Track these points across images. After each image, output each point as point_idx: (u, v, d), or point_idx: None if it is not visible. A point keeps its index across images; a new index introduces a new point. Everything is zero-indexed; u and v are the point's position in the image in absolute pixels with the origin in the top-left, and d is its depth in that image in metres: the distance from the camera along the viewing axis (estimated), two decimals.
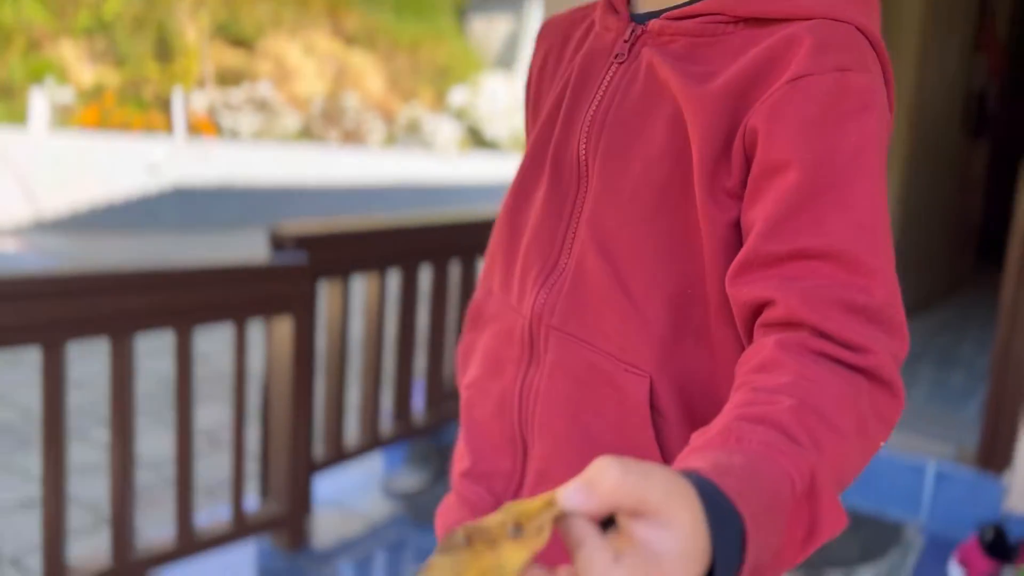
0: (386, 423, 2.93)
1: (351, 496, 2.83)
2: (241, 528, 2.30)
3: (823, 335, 0.63)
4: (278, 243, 2.35)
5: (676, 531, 0.42)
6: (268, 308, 2.26)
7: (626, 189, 0.76)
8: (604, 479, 0.42)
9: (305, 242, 2.35)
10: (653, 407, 0.75)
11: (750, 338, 0.71)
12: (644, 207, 0.75)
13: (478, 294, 0.95)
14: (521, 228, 0.87)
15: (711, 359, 0.76)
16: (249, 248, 7.44)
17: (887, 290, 0.65)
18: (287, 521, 2.41)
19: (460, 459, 0.91)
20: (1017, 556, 2.28)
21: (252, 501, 2.54)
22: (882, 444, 0.63)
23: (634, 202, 0.75)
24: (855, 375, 0.62)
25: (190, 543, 2.17)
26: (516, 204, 0.89)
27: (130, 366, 1.99)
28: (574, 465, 0.67)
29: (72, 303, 1.86)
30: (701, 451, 0.54)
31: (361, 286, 2.81)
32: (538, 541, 0.41)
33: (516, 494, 0.85)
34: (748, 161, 0.69)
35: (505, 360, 0.85)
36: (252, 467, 2.96)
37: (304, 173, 13.89)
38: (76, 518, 2.66)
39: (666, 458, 0.77)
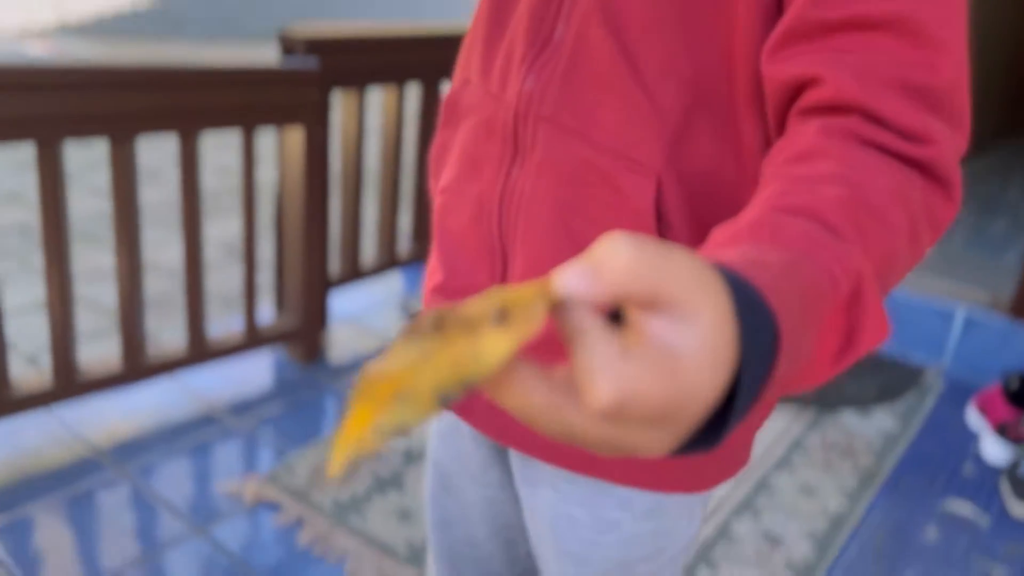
0: (404, 244, 2.88)
1: (368, 313, 2.82)
2: (254, 339, 2.29)
3: (876, 120, 0.53)
4: (288, 47, 2.20)
5: (699, 326, 0.33)
6: (278, 116, 2.15)
7: None
8: (613, 260, 0.33)
9: (317, 47, 2.20)
10: (659, 215, 0.65)
11: (782, 129, 0.60)
12: None
13: (454, 84, 0.82)
14: (509, 1, 0.74)
15: (734, 160, 0.65)
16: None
17: (956, 70, 0.54)
18: (302, 334, 2.41)
19: (432, 273, 0.83)
20: None
21: (270, 313, 2.53)
22: (928, 251, 0.55)
23: None
24: (909, 169, 0.53)
25: (201, 350, 2.17)
26: None
27: (131, 168, 1.91)
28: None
29: (69, 99, 1.76)
30: (727, 246, 0.45)
31: (378, 99, 2.67)
32: (526, 329, 0.33)
33: None
34: None
35: (483, 159, 0.74)
36: (271, 280, 2.95)
37: None
38: (94, 321, 2.69)
39: None
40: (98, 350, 2.46)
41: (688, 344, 0.33)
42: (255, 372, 2.39)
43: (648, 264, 0.33)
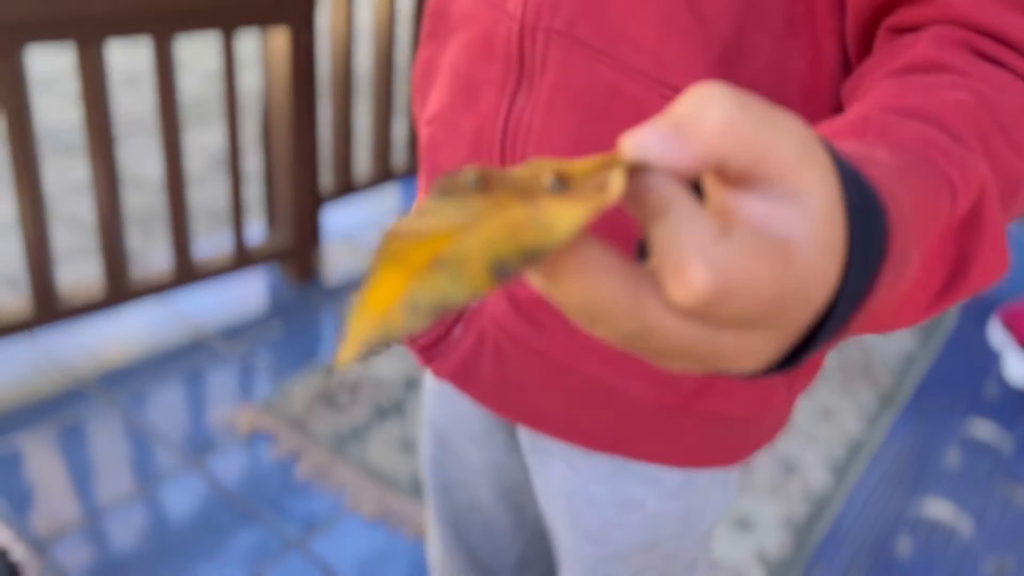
0: (399, 155, 2.73)
1: (363, 230, 2.69)
2: (244, 259, 2.18)
3: (996, 38, 0.43)
4: None
5: (810, 210, 0.26)
6: (260, 16, 1.97)
7: None
8: (707, 117, 0.26)
9: None
10: None
11: (865, 52, 0.49)
12: None
13: None
14: None
15: (799, 88, 0.52)
16: None
17: None
18: (294, 253, 2.29)
19: None
20: None
21: (260, 230, 2.41)
22: None
23: None
24: None
25: (188, 272, 2.06)
26: None
27: (101, 75, 1.75)
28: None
29: (30, 2, 1.59)
30: (826, 138, 0.35)
31: None
32: (601, 197, 0.25)
33: None
34: None
35: (481, 83, 0.61)
36: (261, 194, 2.82)
37: None
38: (75, 240, 2.56)
39: None
40: (82, 270, 2.35)
41: (798, 228, 0.26)
42: (246, 294, 2.28)
43: (751, 124, 0.26)
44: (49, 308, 1.82)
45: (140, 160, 3.14)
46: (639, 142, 0.26)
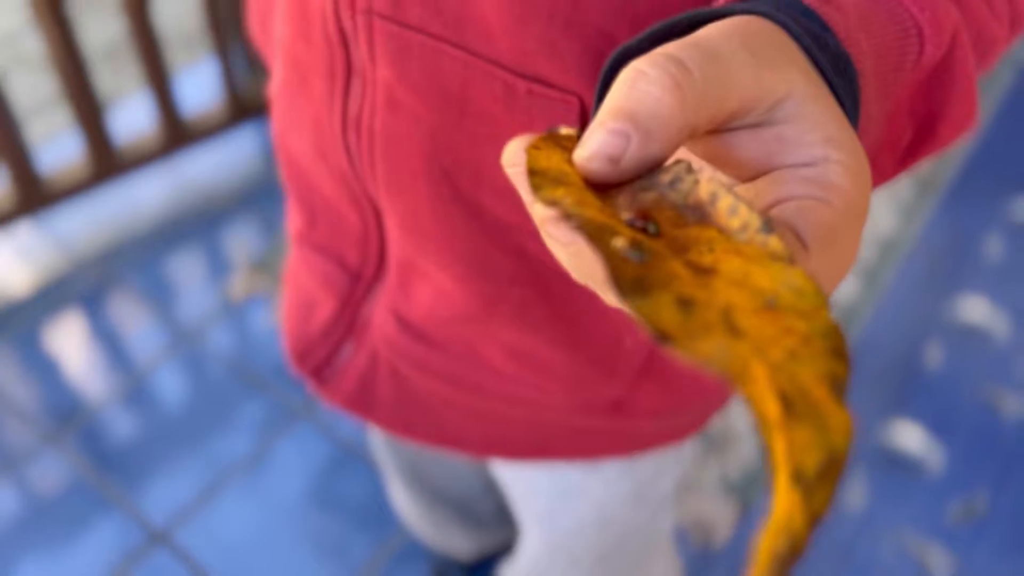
0: None
1: None
2: (237, 111, 2.03)
3: None
4: None
5: (804, 112, 0.25)
6: None
7: None
8: (648, 96, 0.24)
9: None
10: None
11: None
12: None
13: None
14: None
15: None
16: None
17: None
18: None
19: (291, 213, 0.60)
20: None
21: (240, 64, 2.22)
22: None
23: None
24: None
25: (177, 135, 1.95)
26: None
27: None
28: (458, 239, 0.48)
29: None
30: None
31: None
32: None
33: (380, 267, 0.55)
34: None
35: (306, 67, 0.48)
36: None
37: None
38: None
39: None
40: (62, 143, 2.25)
41: (821, 147, 0.25)
42: (240, 148, 2.16)
43: (698, 76, 0.24)
44: (34, 195, 1.77)
45: None
46: (591, 153, 0.24)
